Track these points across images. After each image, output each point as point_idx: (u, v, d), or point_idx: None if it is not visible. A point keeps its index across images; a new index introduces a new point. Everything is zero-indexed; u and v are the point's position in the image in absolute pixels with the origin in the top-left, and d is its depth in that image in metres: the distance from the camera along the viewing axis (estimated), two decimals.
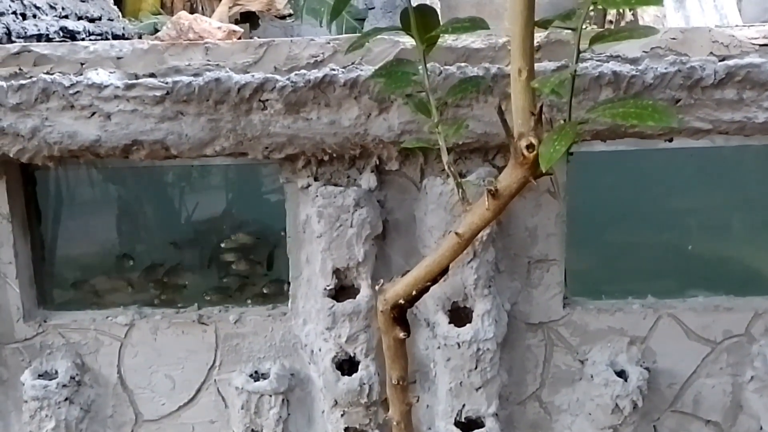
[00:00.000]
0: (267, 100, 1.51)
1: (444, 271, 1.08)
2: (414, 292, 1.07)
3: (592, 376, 1.73)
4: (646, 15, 3.91)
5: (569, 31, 1.58)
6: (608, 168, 1.85)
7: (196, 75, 1.53)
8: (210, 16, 3.50)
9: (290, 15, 3.88)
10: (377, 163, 1.66)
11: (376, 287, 1.15)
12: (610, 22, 3.58)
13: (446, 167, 1.07)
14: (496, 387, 1.71)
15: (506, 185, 0.95)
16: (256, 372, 1.77)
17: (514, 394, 1.81)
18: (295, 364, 1.79)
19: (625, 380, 1.70)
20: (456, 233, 1.03)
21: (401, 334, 1.11)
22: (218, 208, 1.96)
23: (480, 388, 1.69)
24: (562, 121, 0.94)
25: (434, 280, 1.08)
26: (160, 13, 3.78)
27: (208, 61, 1.57)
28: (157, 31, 3.33)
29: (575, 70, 0.90)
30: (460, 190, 1.04)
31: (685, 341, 1.76)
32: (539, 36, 1.56)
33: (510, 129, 0.92)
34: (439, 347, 1.69)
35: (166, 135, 1.54)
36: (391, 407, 1.23)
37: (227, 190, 1.98)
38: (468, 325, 1.66)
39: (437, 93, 1.26)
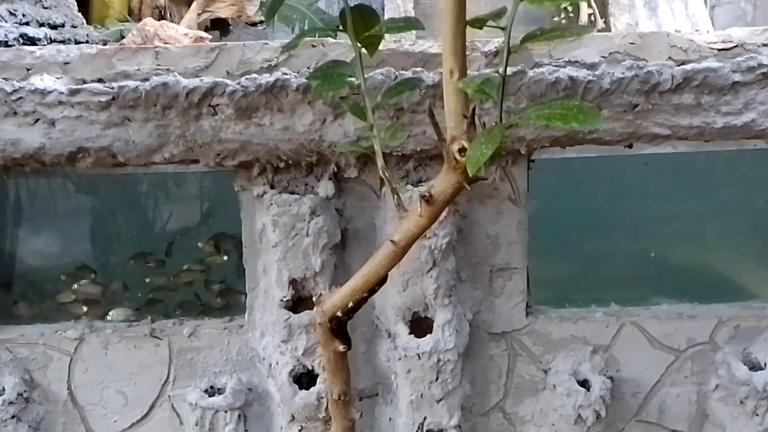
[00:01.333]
0: (217, 105, 1.46)
1: (382, 281, 1.04)
2: (351, 304, 1.03)
3: (554, 386, 1.70)
4: (618, 23, 3.93)
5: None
6: (572, 175, 1.83)
7: (144, 80, 1.49)
8: (179, 23, 3.45)
9: (261, 22, 3.83)
10: (335, 170, 1.62)
11: (314, 299, 1.11)
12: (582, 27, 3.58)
13: (380, 172, 1.03)
14: (458, 398, 1.67)
15: (440, 191, 0.91)
16: (211, 387, 1.72)
17: (478, 405, 1.77)
18: (253, 379, 1.74)
19: (588, 390, 1.67)
20: (391, 241, 0.99)
21: (341, 348, 1.07)
22: (188, 217, 1.92)
23: (441, 399, 1.65)
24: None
25: (372, 291, 1.04)
26: (127, 20, 3.71)
27: (158, 65, 1.53)
28: (123, 38, 3.28)
29: (505, 72, 0.87)
30: (395, 197, 1.00)
31: (649, 349, 1.74)
32: (496, 41, 1.54)
33: (442, 133, 0.89)
34: (399, 359, 1.65)
35: (113, 142, 1.49)
36: (333, 424, 1.19)
37: (198, 198, 1.94)
38: (428, 335, 1.62)
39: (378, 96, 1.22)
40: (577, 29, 0.85)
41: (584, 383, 1.70)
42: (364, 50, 1.05)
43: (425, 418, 1.66)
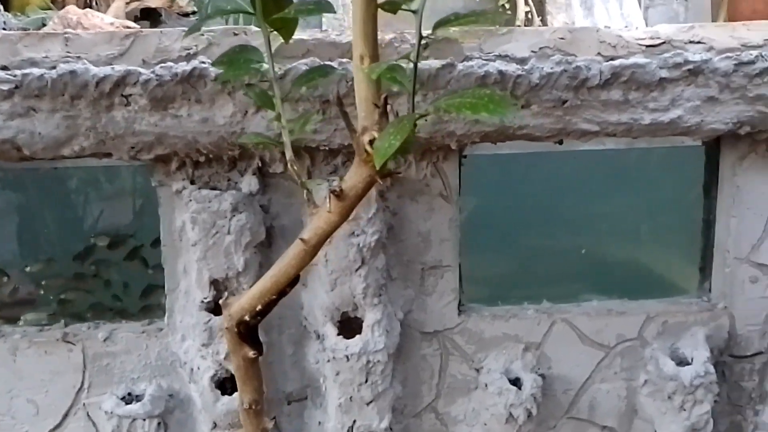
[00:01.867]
0: (130, 95, 1.38)
1: (293, 282, 0.99)
2: (260, 306, 0.97)
3: (486, 385, 1.68)
4: (555, 21, 3.97)
5: (456, 29, 1.54)
6: (505, 171, 1.81)
7: (52, 68, 1.39)
8: (105, 12, 3.29)
9: (194, 12, 3.71)
10: (260, 165, 1.55)
11: (220, 301, 1.05)
12: (518, 26, 3.60)
13: (288, 165, 0.98)
14: (388, 400, 1.63)
15: (352, 185, 0.86)
16: (129, 394, 1.63)
17: (410, 406, 1.73)
18: (174, 384, 1.66)
19: (519, 388, 1.65)
20: (301, 239, 0.94)
21: (251, 353, 1.01)
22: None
23: (371, 402, 1.61)
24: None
25: (282, 292, 0.99)
26: (50, 8, 3.53)
27: (68, 53, 1.43)
28: (44, 26, 3.11)
29: (417, 58, 0.83)
30: (305, 192, 0.95)
31: (580, 346, 1.74)
32: (426, 33, 1.49)
33: (352, 123, 0.84)
34: (328, 360, 1.60)
35: (17, 133, 1.38)
36: None
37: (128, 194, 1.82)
38: (357, 336, 1.58)
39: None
40: (492, 15, 0.81)
41: (516, 381, 1.68)
42: (281, 39, 0.99)
43: (354, 421, 1.61)
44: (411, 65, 0.84)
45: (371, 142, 0.81)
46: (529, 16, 3.47)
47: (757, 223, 1.69)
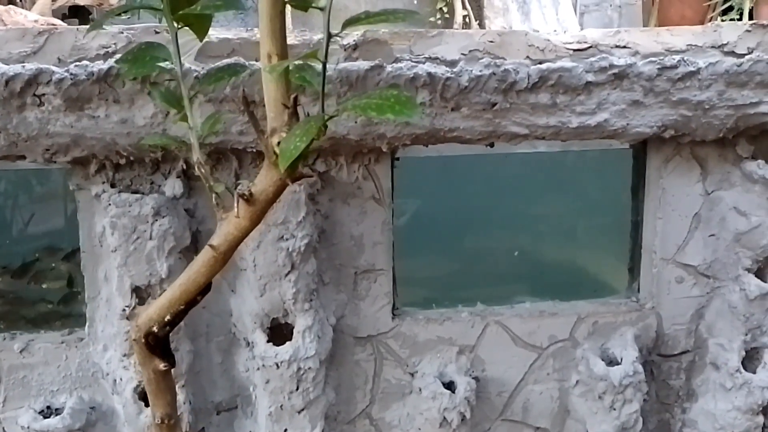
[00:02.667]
0: (43, 94, 1.31)
1: (204, 290, 0.95)
2: (169, 317, 0.93)
3: (420, 390, 1.67)
4: (493, 26, 4.01)
5: (386, 30, 1.52)
6: (441, 173, 1.81)
7: None
8: (30, 9, 3.16)
9: (126, 11, 3.60)
10: (184, 167, 1.50)
11: (127, 311, 1.00)
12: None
13: (196, 168, 0.94)
14: (321, 407, 1.60)
15: (262, 189, 0.84)
16: (48, 407, 1.55)
17: (343, 413, 1.71)
18: (96, 396, 1.59)
19: (453, 392, 1.64)
20: (210, 245, 0.90)
21: (161, 366, 0.97)
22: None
23: (303, 410, 1.57)
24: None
25: (192, 302, 0.95)
26: None
27: None
28: None
29: (326, 57, 0.81)
30: (214, 196, 0.92)
31: (513, 348, 1.74)
32: (355, 35, 1.47)
33: (259, 124, 0.81)
34: (258, 368, 1.56)
35: None
36: None
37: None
38: (287, 343, 1.54)
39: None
40: (404, 14, 0.79)
41: (450, 385, 1.68)
42: (194, 39, 0.96)
43: (286, 430, 1.58)
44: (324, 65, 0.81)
45: (280, 143, 0.78)
46: (467, 20, 3.49)
47: (682, 224, 1.73)
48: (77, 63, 1.31)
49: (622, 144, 1.69)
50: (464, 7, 3.44)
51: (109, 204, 1.41)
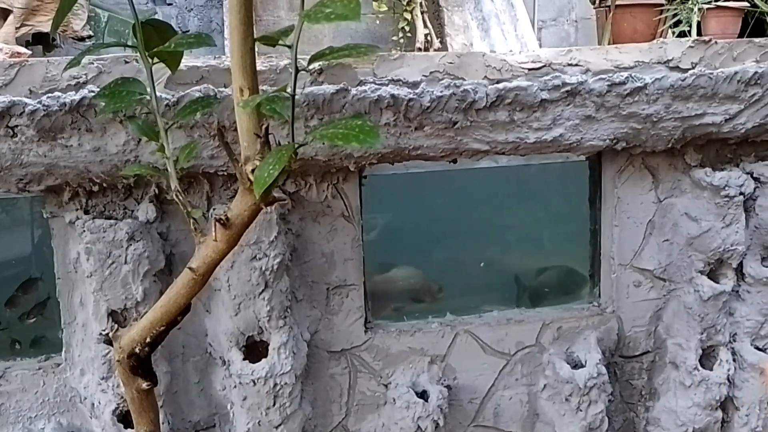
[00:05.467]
0: (16, 126, 1.34)
1: (184, 311, 0.99)
2: (149, 338, 0.97)
3: (394, 400, 1.72)
4: (455, 43, 4.11)
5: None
6: (408, 190, 1.87)
7: None
8: None
9: (90, 36, 3.61)
10: (156, 192, 1.54)
11: (110, 333, 1.04)
12: (419, 49, 3.70)
13: (174, 195, 0.99)
14: (297, 422, 1.64)
15: (237, 213, 0.89)
16: None
17: (320, 426, 1.75)
18: (75, 421, 1.60)
19: (426, 401, 1.70)
20: (190, 268, 0.95)
21: (144, 385, 1.01)
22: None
23: (280, 425, 1.61)
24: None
25: (173, 322, 0.99)
26: None
27: None
28: None
29: (294, 90, 0.86)
30: (192, 221, 0.96)
31: (482, 356, 1.80)
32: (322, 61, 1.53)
33: (234, 153, 0.86)
34: (234, 386, 1.59)
35: None
36: None
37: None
38: (263, 359, 1.58)
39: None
40: (366, 48, 0.85)
41: (423, 394, 1.73)
42: (165, 67, 1.00)
43: None
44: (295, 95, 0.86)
45: (254, 171, 0.83)
46: (429, 38, 3.58)
47: (637, 231, 1.81)
48: (49, 94, 1.34)
49: (578, 156, 1.76)
50: (426, 26, 3.53)
51: (84, 230, 1.44)
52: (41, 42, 3.45)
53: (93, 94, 1.34)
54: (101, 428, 1.57)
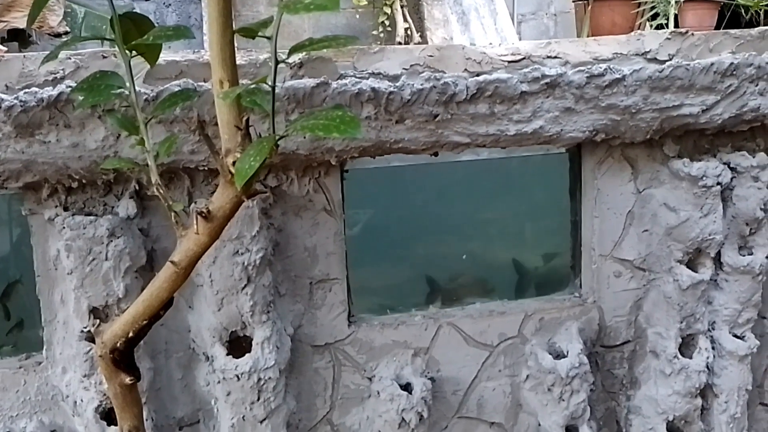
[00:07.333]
0: None
1: (166, 305, 0.99)
2: (132, 333, 0.97)
3: (378, 393, 1.72)
4: (435, 37, 4.11)
5: (328, 49, 1.58)
6: (391, 183, 1.87)
7: None
8: None
9: (67, 33, 3.56)
10: (137, 187, 1.53)
11: (92, 328, 1.03)
12: (399, 43, 3.71)
13: (155, 189, 0.98)
14: (282, 416, 1.64)
15: (219, 206, 0.88)
16: None
17: (304, 420, 1.75)
18: (57, 419, 1.59)
19: (410, 393, 1.70)
20: (172, 261, 0.95)
21: (127, 380, 1.00)
22: None
23: (265, 420, 1.61)
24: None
25: (156, 316, 0.99)
26: None
27: None
28: None
29: (274, 82, 0.86)
30: (173, 215, 0.96)
31: (466, 347, 1.81)
32: (302, 53, 1.53)
33: (215, 145, 0.86)
34: (218, 381, 1.59)
35: None
36: None
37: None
38: (247, 354, 1.58)
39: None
40: (345, 39, 0.85)
41: (407, 386, 1.74)
42: (143, 62, 1.00)
43: None
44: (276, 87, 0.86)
45: (235, 163, 0.83)
46: (409, 32, 3.58)
47: (617, 222, 1.83)
48: (26, 90, 1.33)
49: (558, 148, 1.78)
50: (405, 20, 3.53)
51: (64, 227, 1.42)
52: (17, 38, 3.40)
53: (71, 89, 1.33)
54: (84, 426, 1.56)
